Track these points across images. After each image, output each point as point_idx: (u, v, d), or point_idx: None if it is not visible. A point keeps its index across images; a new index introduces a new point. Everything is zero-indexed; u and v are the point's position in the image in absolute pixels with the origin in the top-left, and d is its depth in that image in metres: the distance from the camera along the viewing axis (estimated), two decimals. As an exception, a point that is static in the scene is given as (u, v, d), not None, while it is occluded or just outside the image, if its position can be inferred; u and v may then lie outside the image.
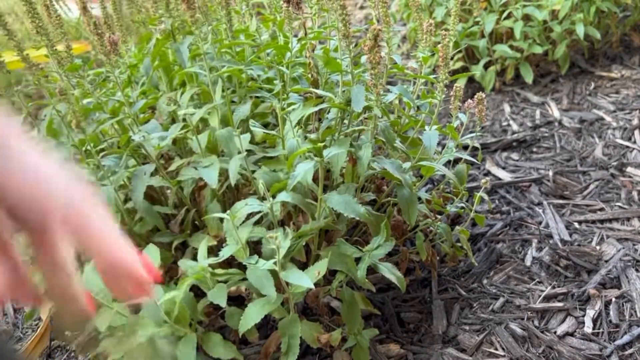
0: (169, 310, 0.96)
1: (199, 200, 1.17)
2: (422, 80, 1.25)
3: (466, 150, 1.28)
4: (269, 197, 0.97)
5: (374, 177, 1.26)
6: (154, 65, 1.16)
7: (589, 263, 1.33)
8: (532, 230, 1.48)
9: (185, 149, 1.26)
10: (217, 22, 1.20)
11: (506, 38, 2.21)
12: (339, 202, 0.96)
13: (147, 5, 1.35)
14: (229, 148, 1.08)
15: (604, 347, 1.10)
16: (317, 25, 1.20)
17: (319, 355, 1.15)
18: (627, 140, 1.80)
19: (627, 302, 1.21)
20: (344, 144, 0.98)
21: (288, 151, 1.02)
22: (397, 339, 1.19)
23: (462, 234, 1.26)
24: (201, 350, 1.02)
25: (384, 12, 1.07)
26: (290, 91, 1.09)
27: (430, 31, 1.20)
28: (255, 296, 1.01)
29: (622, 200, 1.54)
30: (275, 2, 1.33)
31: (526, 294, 1.28)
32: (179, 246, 1.17)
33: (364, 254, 1.02)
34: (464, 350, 1.15)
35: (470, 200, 1.61)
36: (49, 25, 1.12)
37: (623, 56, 2.32)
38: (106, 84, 1.33)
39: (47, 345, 1.30)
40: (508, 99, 2.18)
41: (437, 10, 2.18)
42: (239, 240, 0.96)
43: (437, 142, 1.11)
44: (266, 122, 1.27)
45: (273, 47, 1.17)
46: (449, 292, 1.32)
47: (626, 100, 2.02)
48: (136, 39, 1.41)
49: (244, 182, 1.17)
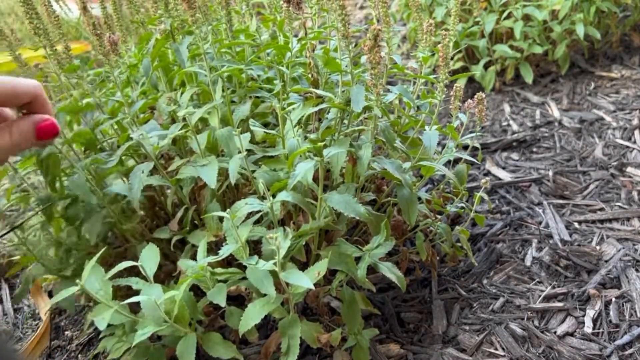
0: (168, 310, 0.96)
1: (199, 199, 1.17)
2: (422, 80, 1.25)
3: (466, 150, 1.28)
4: (269, 196, 0.97)
5: (374, 177, 1.26)
6: (153, 65, 1.16)
7: (589, 263, 1.33)
8: (532, 230, 1.48)
9: (185, 148, 1.26)
10: (217, 22, 1.20)
11: (506, 38, 2.21)
12: (339, 202, 0.96)
13: (147, 5, 1.35)
14: (228, 147, 1.08)
15: (604, 347, 1.10)
16: (317, 25, 1.20)
17: (319, 355, 1.15)
18: (627, 140, 1.80)
19: (627, 302, 1.21)
20: (344, 143, 0.98)
21: (288, 150, 1.02)
22: (397, 339, 1.19)
23: (462, 234, 1.26)
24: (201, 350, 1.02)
25: (384, 12, 1.07)
26: (290, 91, 1.09)
27: (430, 31, 1.20)
28: (255, 296, 1.01)
29: (622, 200, 1.54)
30: (275, 2, 1.33)
31: (526, 294, 1.28)
32: (177, 244, 1.17)
33: (364, 253, 1.02)
34: (464, 350, 1.14)
35: (470, 200, 1.61)
36: (49, 26, 1.12)
37: (623, 56, 2.32)
38: (106, 84, 1.33)
39: (47, 345, 1.30)
40: (508, 99, 2.18)
41: (437, 10, 2.18)
42: (239, 239, 0.96)
43: (437, 142, 1.11)
44: (266, 121, 1.27)
45: (273, 47, 1.17)
46: (449, 292, 1.32)
47: (626, 100, 2.03)
48: (136, 39, 1.41)
49: (244, 181, 1.17)
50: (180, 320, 0.97)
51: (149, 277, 0.98)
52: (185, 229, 1.17)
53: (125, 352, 1.05)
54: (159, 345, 1.05)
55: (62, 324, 1.37)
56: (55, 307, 1.40)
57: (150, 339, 1.03)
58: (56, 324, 1.37)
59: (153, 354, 1.04)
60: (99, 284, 0.98)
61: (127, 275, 1.09)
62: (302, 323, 1.00)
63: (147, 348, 1.04)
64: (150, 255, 1.01)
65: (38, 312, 1.42)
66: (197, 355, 0.97)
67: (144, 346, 1.03)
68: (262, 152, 1.10)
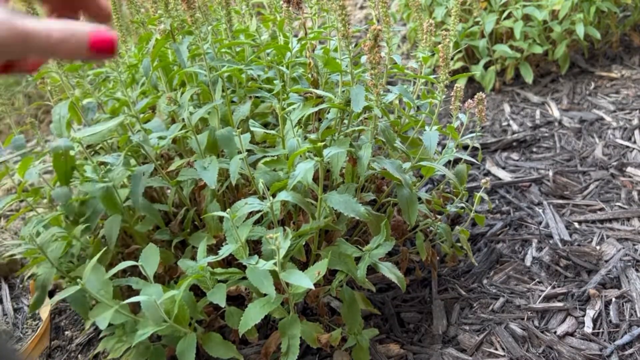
0: (168, 310, 0.96)
1: (199, 200, 1.17)
2: (422, 80, 1.25)
3: (466, 150, 1.28)
4: (269, 196, 0.97)
5: (374, 178, 1.26)
6: (153, 65, 1.16)
7: (589, 263, 1.33)
8: (532, 230, 1.48)
9: (185, 148, 1.26)
10: (217, 22, 1.20)
11: (506, 38, 2.21)
12: (339, 202, 0.96)
13: (147, 5, 1.35)
14: (229, 148, 1.08)
15: (604, 347, 1.10)
16: (317, 25, 1.20)
17: (319, 355, 1.15)
18: (627, 140, 1.80)
19: (627, 302, 1.21)
20: (344, 144, 0.98)
21: (289, 150, 1.02)
22: (397, 339, 1.19)
23: (462, 234, 1.26)
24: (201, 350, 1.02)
25: (384, 12, 1.07)
26: (290, 91, 1.09)
27: (430, 31, 1.20)
28: (255, 296, 1.01)
29: (622, 200, 1.54)
30: (275, 2, 1.33)
31: (526, 294, 1.28)
32: (178, 245, 1.17)
33: (364, 253, 1.02)
34: (464, 350, 1.14)
35: (470, 200, 1.61)
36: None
37: (623, 56, 2.32)
38: (106, 84, 1.33)
39: (47, 345, 1.30)
40: (508, 99, 2.18)
41: (437, 10, 2.18)
42: (238, 239, 0.96)
43: (437, 142, 1.11)
44: (266, 121, 1.27)
45: (273, 47, 1.17)
46: (449, 292, 1.32)
47: (626, 100, 2.02)
48: (136, 39, 1.41)
49: (244, 182, 1.17)
50: (180, 320, 0.97)
51: (149, 277, 0.98)
52: (186, 230, 1.17)
53: (125, 352, 1.05)
54: (159, 345, 1.05)
55: (62, 324, 1.37)
56: (55, 307, 1.41)
57: (150, 339, 1.03)
58: (56, 324, 1.37)
59: (153, 353, 1.04)
60: (99, 284, 0.98)
61: (131, 276, 1.09)
62: (302, 323, 1.00)
63: (147, 348, 1.04)
64: (151, 255, 1.01)
65: (38, 312, 1.42)
66: (197, 355, 0.97)
67: (144, 346, 1.04)
68: (262, 152, 1.10)
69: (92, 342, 1.30)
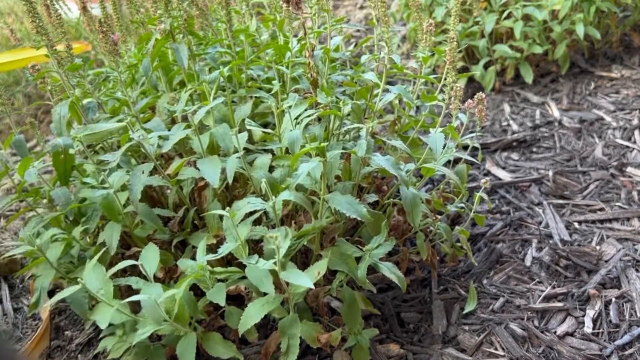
0: (168, 309, 0.96)
1: (200, 200, 1.17)
2: (422, 80, 1.25)
3: (466, 150, 1.28)
4: (271, 195, 0.97)
5: (374, 178, 1.26)
6: (153, 65, 1.16)
7: (589, 263, 1.33)
8: (532, 230, 1.48)
9: (185, 148, 1.26)
10: (217, 22, 1.20)
11: (506, 38, 2.21)
12: (342, 203, 0.97)
13: (146, 5, 1.35)
14: (225, 143, 1.08)
15: (604, 347, 1.10)
16: (317, 25, 1.20)
17: (318, 355, 1.15)
18: (627, 140, 1.80)
19: (627, 302, 1.21)
20: (340, 144, 0.99)
21: (289, 143, 1.02)
22: (397, 339, 1.19)
23: (462, 234, 1.26)
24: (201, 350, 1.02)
25: (384, 12, 1.07)
26: (290, 91, 1.09)
27: (430, 31, 1.20)
28: (255, 295, 1.01)
29: (622, 200, 1.54)
30: (275, 2, 1.33)
31: (526, 294, 1.28)
32: (178, 245, 1.17)
33: (365, 253, 1.02)
34: (464, 350, 1.14)
35: (470, 200, 1.61)
36: (49, 25, 1.12)
37: (623, 56, 2.32)
38: (106, 84, 1.33)
39: (47, 345, 1.30)
40: (508, 99, 2.18)
41: (437, 10, 2.18)
42: (238, 238, 0.96)
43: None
44: (266, 121, 1.27)
45: (273, 47, 1.17)
46: (449, 292, 1.32)
47: (626, 100, 2.02)
48: (136, 39, 1.41)
49: (243, 182, 1.17)
50: (180, 319, 0.97)
51: (149, 277, 0.98)
52: (186, 230, 1.17)
53: (125, 351, 1.05)
54: (158, 344, 1.05)
55: (62, 324, 1.37)
56: (55, 307, 1.40)
57: (150, 339, 1.03)
58: (56, 324, 1.37)
59: (153, 353, 1.04)
60: (99, 283, 0.98)
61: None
62: (302, 323, 1.00)
63: (147, 347, 1.04)
64: (150, 255, 1.01)
65: (38, 312, 1.42)
66: (197, 355, 0.97)
67: (144, 346, 1.03)
68: (261, 149, 1.10)
69: (92, 342, 1.30)
